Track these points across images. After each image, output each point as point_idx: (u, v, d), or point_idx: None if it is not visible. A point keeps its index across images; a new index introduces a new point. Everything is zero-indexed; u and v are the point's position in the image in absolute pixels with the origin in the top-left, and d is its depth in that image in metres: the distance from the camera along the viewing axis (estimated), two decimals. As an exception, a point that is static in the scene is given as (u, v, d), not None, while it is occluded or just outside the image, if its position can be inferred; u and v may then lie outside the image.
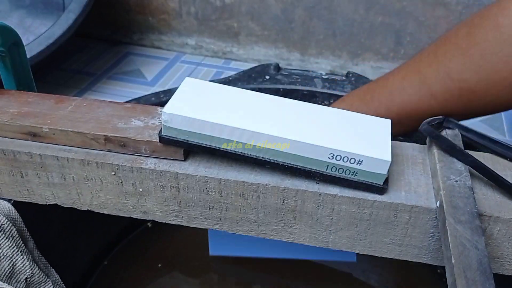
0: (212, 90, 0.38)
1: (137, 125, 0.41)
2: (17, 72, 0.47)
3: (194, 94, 0.37)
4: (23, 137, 0.41)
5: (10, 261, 0.42)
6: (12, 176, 0.42)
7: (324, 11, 1.03)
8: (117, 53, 1.18)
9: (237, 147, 0.36)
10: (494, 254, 0.38)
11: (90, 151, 0.41)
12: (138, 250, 0.67)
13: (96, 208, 0.43)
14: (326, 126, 0.37)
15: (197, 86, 0.38)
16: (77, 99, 0.44)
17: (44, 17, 0.98)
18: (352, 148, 0.35)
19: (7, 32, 0.44)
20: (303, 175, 0.37)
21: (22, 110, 0.42)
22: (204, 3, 1.11)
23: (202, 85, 0.39)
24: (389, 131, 0.38)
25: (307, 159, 0.35)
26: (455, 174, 0.38)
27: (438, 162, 0.39)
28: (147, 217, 0.43)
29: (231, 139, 0.36)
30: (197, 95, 0.37)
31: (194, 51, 1.18)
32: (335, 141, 0.35)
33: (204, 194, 0.40)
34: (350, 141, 0.35)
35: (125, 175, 0.40)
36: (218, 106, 0.37)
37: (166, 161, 0.40)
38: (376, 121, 0.38)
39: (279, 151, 0.35)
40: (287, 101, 0.39)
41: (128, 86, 1.06)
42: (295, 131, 0.35)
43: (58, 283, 0.47)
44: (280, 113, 0.37)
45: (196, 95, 0.37)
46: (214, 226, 0.42)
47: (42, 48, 0.86)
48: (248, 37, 1.12)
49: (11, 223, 0.43)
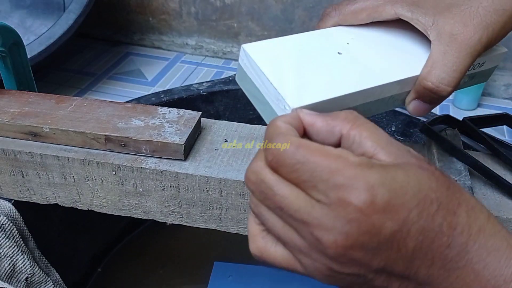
0: (284, 53, 0.32)
1: (138, 125, 0.41)
2: (18, 72, 0.47)
3: (284, 71, 0.30)
4: (23, 137, 0.41)
5: (10, 260, 0.42)
6: (13, 176, 0.42)
7: (323, 11, 1.03)
8: (117, 53, 1.18)
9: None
10: (493, 254, 0.38)
11: (91, 150, 0.41)
12: (138, 250, 0.67)
13: (96, 207, 0.43)
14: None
15: (269, 55, 0.31)
16: (78, 99, 0.44)
17: (45, 17, 0.98)
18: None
19: (7, 32, 0.44)
20: None
21: (23, 110, 0.42)
22: (205, 4, 1.11)
23: (270, 51, 0.31)
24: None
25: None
26: (455, 173, 0.38)
27: (438, 162, 0.39)
28: (148, 216, 0.43)
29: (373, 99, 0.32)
30: (287, 71, 0.30)
31: (194, 51, 1.18)
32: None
33: (204, 194, 0.40)
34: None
35: (126, 174, 0.40)
36: (319, 68, 0.31)
37: (167, 160, 0.40)
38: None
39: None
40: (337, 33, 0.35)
41: (129, 86, 1.06)
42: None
43: (59, 283, 0.47)
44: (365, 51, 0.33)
45: (287, 72, 0.30)
46: (214, 226, 0.42)
47: (43, 48, 0.86)
48: (248, 37, 1.13)
49: (12, 223, 0.43)
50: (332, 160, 0.22)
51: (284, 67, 0.30)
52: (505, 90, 1.09)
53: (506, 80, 1.08)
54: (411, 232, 0.22)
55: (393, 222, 0.22)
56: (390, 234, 0.22)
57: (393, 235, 0.22)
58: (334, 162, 0.22)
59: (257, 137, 0.43)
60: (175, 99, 0.62)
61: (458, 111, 1.02)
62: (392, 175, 0.22)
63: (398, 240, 0.22)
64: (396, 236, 0.22)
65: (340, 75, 0.31)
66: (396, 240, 0.22)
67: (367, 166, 0.22)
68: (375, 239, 0.22)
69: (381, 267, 0.23)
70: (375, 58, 0.33)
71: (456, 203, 0.23)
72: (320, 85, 0.30)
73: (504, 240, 0.23)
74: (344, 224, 0.22)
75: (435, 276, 0.23)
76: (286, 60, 0.31)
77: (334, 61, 0.32)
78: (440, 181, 0.23)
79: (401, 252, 0.22)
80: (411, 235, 0.22)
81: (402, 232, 0.22)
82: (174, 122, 0.41)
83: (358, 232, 0.22)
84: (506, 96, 1.10)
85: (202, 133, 0.43)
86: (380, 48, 0.34)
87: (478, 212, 0.24)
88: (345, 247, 0.22)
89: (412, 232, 0.22)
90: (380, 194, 0.22)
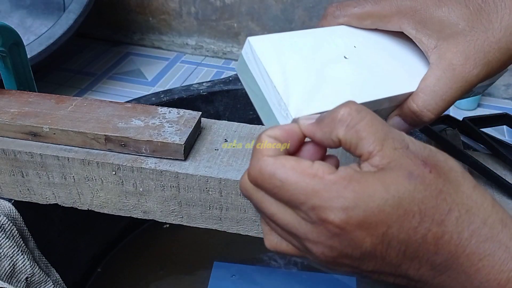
0: (291, 53, 0.30)
1: (138, 125, 0.41)
2: (18, 72, 0.47)
3: (288, 74, 0.29)
4: (23, 137, 0.41)
5: (10, 260, 0.42)
6: (13, 176, 0.42)
7: (324, 11, 1.03)
8: (117, 53, 1.18)
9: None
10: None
11: (91, 150, 0.41)
12: (138, 250, 0.67)
13: (96, 207, 0.43)
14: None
15: (275, 53, 0.30)
16: (78, 99, 0.44)
17: (45, 17, 0.98)
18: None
19: (7, 32, 0.44)
20: None
21: (23, 110, 0.42)
22: (205, 4, 1.11)
23: (276, 48, 0.30)
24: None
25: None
26: (455, 174, 0.38)
27: (438, 162, 0.39)
28: (147, 216, 0.43)
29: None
30: (291, 74, 0.29)
31: (194, 51, 1.18)
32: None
33: (204, 194, 0.40)
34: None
35: (126, 174, 0.40)
36: (324, 75, 0.30)
37: (167, 160, 0.40)
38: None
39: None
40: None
41: (129, 86, 1.06)
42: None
43: (59, 283, 0.47)
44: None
45: (292, 75, 0.29)
46: (214, 226, 0.42)
47: (43, 48, 0.86)
48: (248, 37, 1.12)
49: (12, 223, 0.43)
50: (308, 180, 0.23)
51: (289, 69, 0.29)
52: (505, 90, 1.09)
53: (506, 80, 1.07)
54: (391, 244, 0.23)
55: (372, 237, 0.23)
56: (371, 247, 0.23)
57: (374, 248, 0.23)
58: (310, 183, 0.23)
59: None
60: (175, 99, 0.62)
61: (458, 111, 1.02)
62: (370, 192, 0.22)
63: (380, 251, 0.23)
64: (377, 248, 0.23)
65: (345, 84, 0.30)
66: (379, 251, 0.23)
67: (343, 183, 0.23)
68: (357, 251, 0.23)
69: (370, 270, 0.24)
70: (377, 70, 0.32)
71: (446, 210, 0.23)
72: (324, 94, 0.29)
73: (502, 244, 0.23)
74: (327, 238, 0.23)
75: (426, 275, 0.24)
76: (292, 62, 0.30)
77: (340, 68, 0.31)
78: (429, 189, 0.23)
79: (385, 260, 0.23)
80: (392, 247, 0.23)
81: (383, 245, 0.23)
82: (174, 122, 0.41)
83: (341, 245, 0.23)
84: (506, 96, 1.09)
85: (202, 133, 0.43)
86: (383, 58, 0.33)
87: (473, 216, 0.23)
88: (333, 257, 0.24)
89: (393, 244, 0.23)
90: (354, 214, 0.22)
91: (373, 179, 0.23)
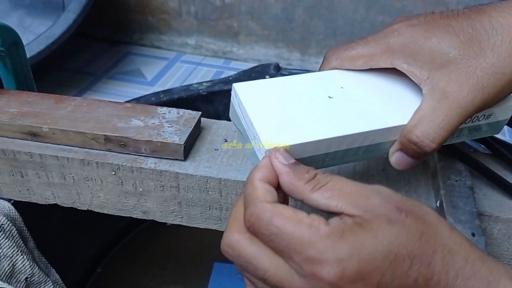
0: (273, 95, 0.32)
1: (137, 125, 0.41)
2: (17, 71, 0.47)
3: (267, 111, 0.31)
4: (23, 136, 0.41)
5: (10, 261, 0.42)
6: (12, 176, 0.42)
7: (324, 10, 1.03)
8: (117, 53, 1.18)
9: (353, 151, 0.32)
10: (494, 254, 0.38)
11: (90, 150, 0.41)
12: (138, 250, 0.67)
13: (96, 208, 0.43)
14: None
15: (256, 95, 0.32)
16: (77, 99, 0.44)
17: (44, 17, 0.98)
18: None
19: (7, 31, 0.44)
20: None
21: (22, 109, 0.42)
22: (204, 3, 1.11)
23: (259, 91, 0.32)
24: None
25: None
26: (455, 174, 0.38)
27: (438, 162, 0.39)
28: (147, 217, 0.43)
29: (351, 147, 0.31)
30: (270, 111, 0.31)
31: (194, 51, 1.18)
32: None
33: (204, 194, 0.40)
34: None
35: (125, 174, 0.40)
36: (304, 111, 0.31)
37: (166, 160, 0.40)
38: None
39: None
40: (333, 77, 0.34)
41: (128, 86, 1.06)
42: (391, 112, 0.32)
43: (58, 283, 0.47)
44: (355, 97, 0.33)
45: (270, 112, 0.31)
46: (214, 226, 0.42)
47: (42, 48, 0.86)
48: (248, 36, 1.12)
49: (11, 223, 0.43)
50: (304, 230, 0.23)
51: (268, 107, 0.31)
52: (505, 90, 1.09)
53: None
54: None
55: (367, 287, 0.22)
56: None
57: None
58: (307, 233, 0.23)
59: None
60: (175, 99, 0.62)
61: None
62: (361, 241, 0.23)
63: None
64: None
65: (323, 119, 0.31)
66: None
67: (337, 235, 0.23)
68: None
69: None
70: (366, 105, 0.32)
71: (431, 251, 0.23)
72: (300, 127, 0.30)
73: (484, 279, 0.23)
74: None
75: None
76: (273, 101, 0.31)
77: (322, 105, 0.32)
78: (411, 231, 0.23)
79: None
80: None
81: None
82: (173, 122, 0.41)
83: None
84: (506, 96, 1.09)
85: (202, 133, 0.43)
86: (374, 94, 0.33)
87: (456, 255, 0.24)
88: None
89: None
90: (349, 266, 0.22)
91: (361, 229, 0.23)
